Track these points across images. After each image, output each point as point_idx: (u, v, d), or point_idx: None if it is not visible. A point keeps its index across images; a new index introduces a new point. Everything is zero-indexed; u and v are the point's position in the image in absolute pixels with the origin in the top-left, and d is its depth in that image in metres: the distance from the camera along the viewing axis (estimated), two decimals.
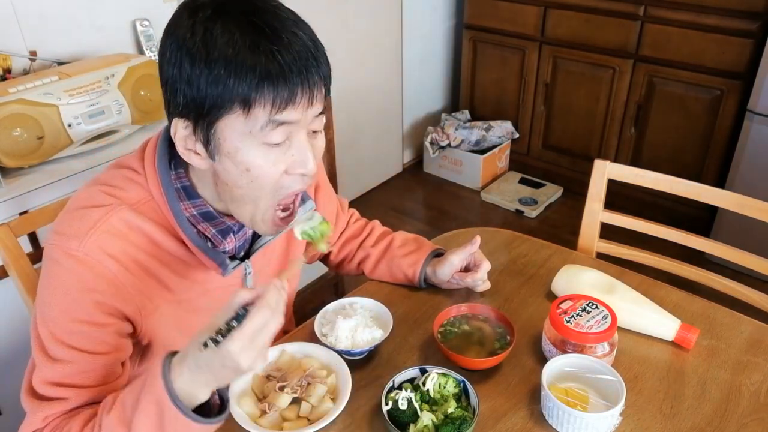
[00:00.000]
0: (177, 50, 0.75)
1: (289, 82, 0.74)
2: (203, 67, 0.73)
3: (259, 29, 0.73)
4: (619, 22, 2.71)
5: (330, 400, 0.94)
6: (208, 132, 0.78)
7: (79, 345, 0.83)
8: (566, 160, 3.17)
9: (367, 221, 1.29)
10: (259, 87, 0.73)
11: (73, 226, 0.83)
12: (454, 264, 1.15)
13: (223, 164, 0.80)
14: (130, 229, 0.84)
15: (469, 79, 3.38)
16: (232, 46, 0.72)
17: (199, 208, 0.89)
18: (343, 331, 1.03)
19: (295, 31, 0.75)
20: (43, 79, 1.44)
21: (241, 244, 0.96)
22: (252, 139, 0.77)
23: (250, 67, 0.72)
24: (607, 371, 0.94)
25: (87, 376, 0.84)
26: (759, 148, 2.36)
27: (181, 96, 0.77)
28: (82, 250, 0.81)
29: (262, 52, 0.72)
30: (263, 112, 0.75)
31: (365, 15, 2.84)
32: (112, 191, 0.86)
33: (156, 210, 0.87)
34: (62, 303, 0.82)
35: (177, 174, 0.88)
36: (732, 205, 1.27)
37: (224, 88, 0.73)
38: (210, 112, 0.76)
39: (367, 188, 3.28)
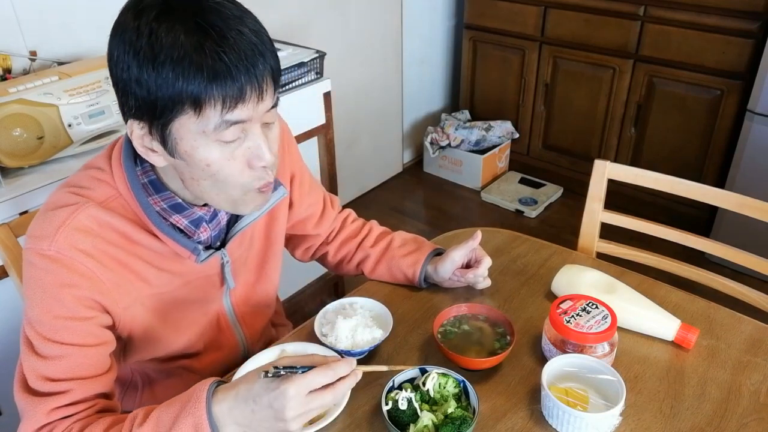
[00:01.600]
0: (124, 53, 0.76)
1: (237, 81, 0.75)
2: (151, 70, 0.74)
3: (204, 30, 0.74)
4: (619, 22, 2.71)
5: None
6: (163, 132, 0.79)
7: (67, 340, 0.84)
8: (566, 160, 3.17)
9: (365, 221, 1.29)
10: (207, 88, 0.74)
11: (43, 227, 0.84)
12: (455, 260, 1.15)
13: (185, 161, 0.81)
14: (99, 226, 0.86)
15: (469, 79, 3.38)
16: (177, 48, 0.73)
17: (168, 200, 0.90)
18: (343, 331, 1.03)
19: (239, 29, 0.76)
20: (43, 79, 1.44)
21: (216, 234, 0.98)
22: (206, 138, 0.79)
23: (198, 69, 0.73)
24: (607, 371, 0.94)
25: (83, 367, 0.86)
26: (759, 148, 2.36)
27: (132, 98, 0.78)
28: (54, 249, 0.83)
29: (208, 54, 0.73)
30: (214, 112, 0.76)
31: (365, 15, 2.84)
32: (79, 191, 0.87)
33: (125, 206, 0.88)
34: (43, 302, 0.84)
35: (143, 169, 0.89)
36: (732, 205, 1.27)
37: (173, 90, 0.74)
38: (163, 114, 0.77)
39: (367, 188, 3.28)
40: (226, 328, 1.09)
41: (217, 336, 1.09)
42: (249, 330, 1.14)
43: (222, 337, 1.10)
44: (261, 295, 1.13)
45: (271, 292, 1.16)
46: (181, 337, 1.02)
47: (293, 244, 1.26)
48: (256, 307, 1.13)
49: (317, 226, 1.21)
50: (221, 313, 1.07)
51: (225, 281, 1.03)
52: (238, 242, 1.02)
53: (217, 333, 1.09)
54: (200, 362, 1.08)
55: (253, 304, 1.12)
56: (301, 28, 2.53)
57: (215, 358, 1.10)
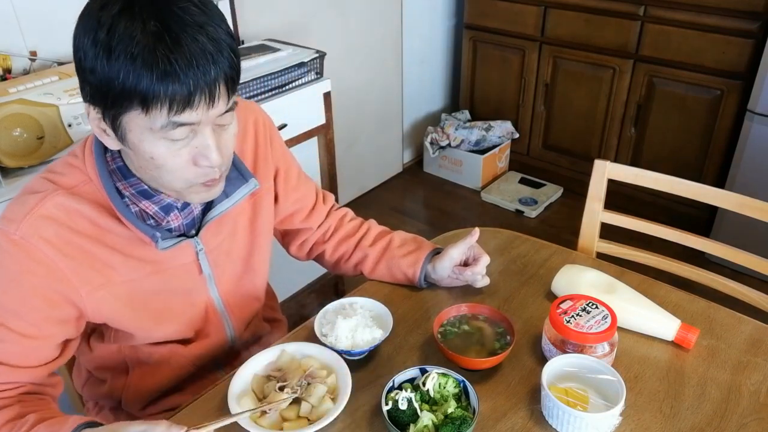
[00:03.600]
0: (84, 41, 0.77)
1: (185, 86, 0.75)
2: (105, 62, 0.75)
3: (159, 33, 0.74)
4: (619, 22, 2.71)
5: (330, 400, 0.94)
6: (114, 121, 0.81)
7: (9, 324, 0.87)
8: (566, 160, 3.17)
9: (363, 220, 1.29)
10: (155, 90, 0.75)
11: (14, 210, 0.87)
12: (453, 257, 1.15)
13: (132, 150, 0.84)
14: (66, 213, 0.88)
15: (469, 79, 3.38)
16: (132, 47, 0.74)
17: (136, 186, 0.92)
18: (343, 331, 1.03)
19: (195, 36, 0.76)
20: (43, 79, 1.44)
21: (189, 222, 0.98)
22: (153, 134, 0.80)
23: (147, 70, 0.74)
24: (607, 371, 0.94)
25: (15, 356, 0.88)
26: (759, 148, 2.36)
27: (87, 85, 0.80)
28: (19, 234, 0.85)
29: (159, 57, 0.74)
30: (161, 113, 0.77)
31: (365, 15, 2.85)
32: (52, 177, 0.90)
33: (94, 191, 0.90)
34: (1, 283, 0.87)
35: (112, 155, 0.91)
36: (732, 205, 1.27)
37: (124, 86, 0.75)
38: (114, 106, 0.78)
39: (367, 188, 3.28)
40: (214, 318, 1.10)
41: (204, 325, 1.10)
42: (237, 321, 1.14)
43: (210, 326, 1.11)
44: (248, 287, 1.14)
45: (259, 284, 1.17)
46: (164, 325, 1.03)
47: (287, 240, 1.27)
48: (244, 298, 1.14)
49: (306, 220, 1.21)
50: (209, 303, 1.08)
51: (202, 270, 1.03)
52: (214, 231, 1.02)
53: (205, 322, 1.10)
54: (189, 349, 1.09)
55: (241, 296, 1.13)
56: (301, 28, 2.53)
57: (203, 345, 1.11)
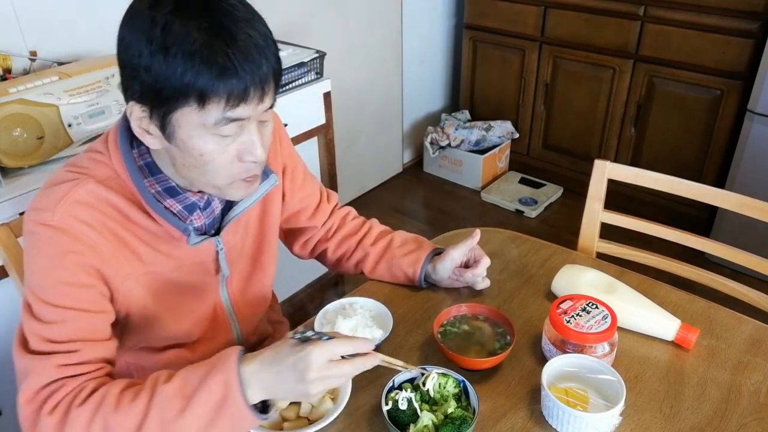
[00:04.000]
0: (137, 40, 0.78)
1: (242, 81, 0.79)
2: (162, 60, 0.77)
3: (216, 30, 0.77)
4: (619, 22, 2.71)
5: (330, 400, 0.94)
6: (164, 119, 0.82)
7: (69, 304, 0.86)
8: (566, 160, 3.17)
9: (365, 219, 1.29)
10: (214, 85, 0.77)
11: (45, 201, 0.87)
12: (454, 258, 1.15)
13: (178, 147, 0.85)
14: (98, 200, 0.88)
15: (469, 79, 3.38)
16: (190, 44, 0.76)
17: (163, 183, 0.93)
18: (343, 331, 1.03)
19: (248, 32, 0.79)
20: (43, 79, 1.44)
21: (210, 222, 0.99)
22: (205, 130, 0.82)
23: (207, 66, 0.76)
24: (607, 371, 0.94)
25: (87, 331, 0.87)
26: (759, 148, 2.36)
27: (138, 83, 0.80)
28: (56, 219, 0.85)
29: (218, 52, 0.76)
30: (217, 108, 0.79)
31: (365, 15, 2.85)
32: (79, 169, 0.90)
33: (122, 186, 0.91)
34: (45, 268, 0.85)
35: (139, 152, 0.92)
36: (732, 205, 1.27)
37: (181, 83, 0.77)
38: (166, 103, 0.80)
39: (367, 188, 3.28)
40: (221, 319, 1.10)
41: (212, 326, 1.10)
42: (244, 323, 1.14)
43: (217, 328, 1.10)
44: (257, 287, 1.14)
45: (267, 283, 1.17)
46: (178, 322, 1.03)
47: (290, 238, 1.27)
48: (252, 298, 1.14)
49: (311, 218, 1.22)
50: (218, 303, 1.08)
51: (220, 269, 1.04)
52: (233, 230, 1.04)
53: (212, 323, 1.10)
54: (194, 352, 1.09)
55: (249, 296, 1.13)
56: (301, 28, 2.53)
57: (209, 348, 1.10)
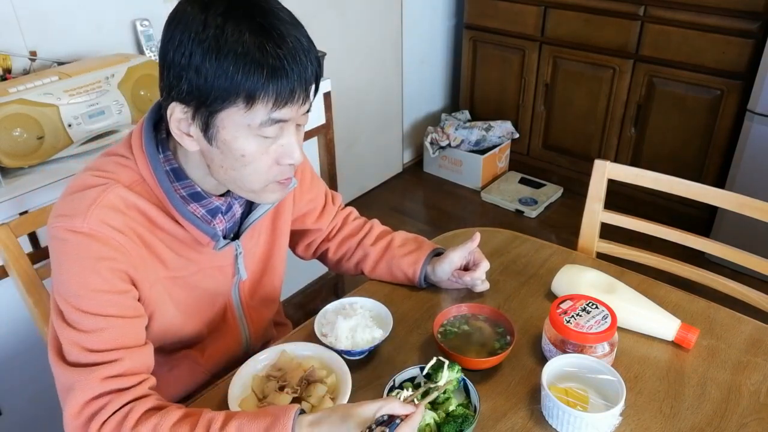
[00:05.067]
0: (188, 40, 0.79)
1: (290, 81, 0.80)
2: (214, 60, 0.78)
3: (267, 31, 0.79)
4: (619, 22, 2.71)
5: (330, 400, 0.94)
6: (208, 119, 0.82)
7: (107, 312, 0.84)
8: (566, 160, 3.17)
9: (366, 220, 1.29)
10: (264, 85, 0.79)
11: (73, 207, 0.85)
12: (454, 261, 1.15)
13: (219, 149, 0.85)
14: (127, 206, 0.88)
15: (469, 79, 3.38)
16: (241, 45, 0.77)
17: (188, 189, 0.93)
18: (343, 331, 1.03)
19: (295, 35, 0.81)
20: (43, 79, 1.44)
21: (230, 226, 1.00)
22: (249, 131, 0.83)
23: (258, 66, 0.78)
24: (607, 371, 0.94)
25: (128, 338, 0.86)
26: (759, 148, 2.36)
27: (186, 83, 0.80)
28: (87, 225, 0.84)
29: (269, 53, 0.78)
30: (264, 108, 0.81)
31: (365, 15, 2.84)
32: (105, 174, 0.89)
33: (148, 191, 0.91)
34: (79, 276, 0.84)
35: (165, 156, 0.92)
36: (732, 205, 1.27)
37: (231, 82, 0.78)
38: (214, 103, 0.80)
39: (367, 188, 3.28)
40: (231, 321, 1.11)
41: (221, 328, 1.10)
42: (253, 325, 1.15)
43: (226, 330, 1.11)
44: (267, 288, 1.15)
45: (277, 285, 1.18)
46: (192, 325, 1.04)
47: (295, 239, 1.27)
48: (262, 300, 1.15)
49: (317, 220, 1.22)
50: (229, 305, 1.09)
51: (237, 272, 1.05)
52: (250, 234, 1.05)
53: (222, 325, 1.10)
54: (203, 353, 1.09)
55: (259, 298, 1.14)
56: None
57: (218, 350, 1.11)
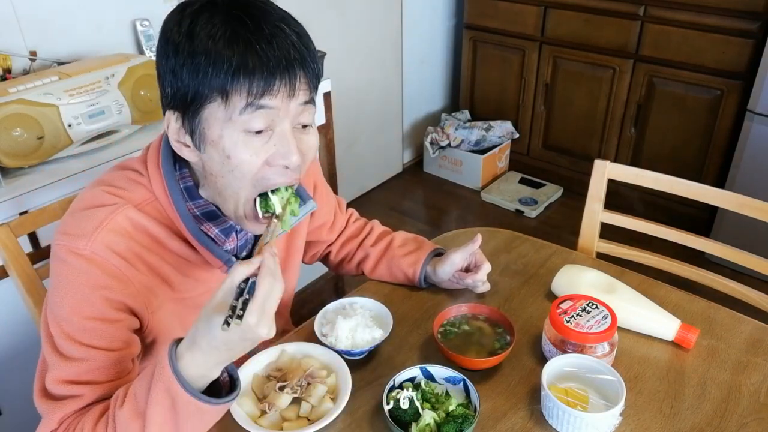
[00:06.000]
0: (164, 43, 0.79)
1: (266, 72, 0.76)
2: (185, 58, 0.76)
3: (241, 21, 0.76)
4: (619, 22, 2.71)
5: (330, 400, 0.94)
6: (193, 122, 0.80)
7: (92, 342, 0.84)
8: (566, 160, 3.17)
9: (367, 221, 1.29)
10: (234, 76, 0.75)
11: (80, 226, 0.84)
12: (455, 262, 1.15)
13: (208, 153, 0.82)
14: (134, 228, 0.86)
15: (469, 79, 3.38)
16: (212, 38, 0.75)
17: (202, 208, 0.90)
18: (343, 331, 1.03)
19: (278, 24, 0.77)
20: (43, 79, 1.44)
21: (243, 244, 0.97)
22: (233, 126, 0.79)
23: (227, 58, 0.75)
24: (607, 371, 0.94)
25: (101, 372, 0.85)
26: (759, 148, 2.36)
27: (168, 87, 0.80)
28: (90, 249, 0.82)
29: (240, 43, 0.75)
30: (240, 99, 0.77)
31: (365, 15, 2.84)
32: (116, 191, 0.87)
33: (159, 210, 0.88)
34: (73, 301, 0.83)
35: (181, 174, 0.89)
36: (732, 205, 1.27)
37: (203, 77, 0.76)
38: (193, 102, 0.78)
39: (367, 188, 3.28)
40: None
41: None
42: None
43: None
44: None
45: (287, 301, 1.17)
46: None
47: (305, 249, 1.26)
48: None
49: (330, 231, 1.22)
50: None
51: None
52: None
53: None
54: None
55: None
56: None
57: None
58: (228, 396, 0.80)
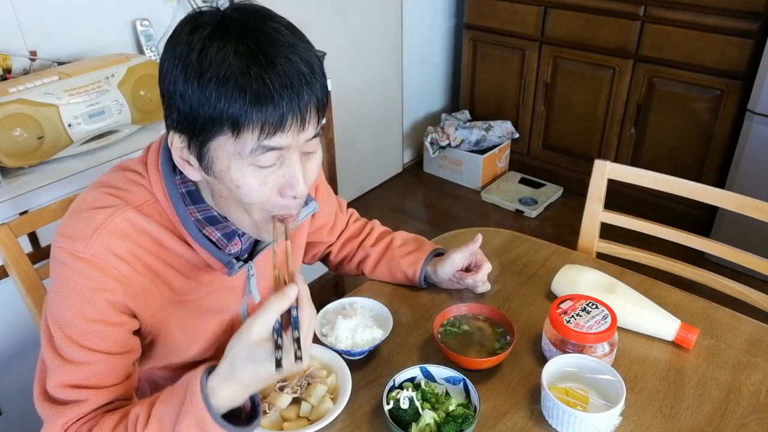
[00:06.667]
0: (173, 66, 0.76)
1: (279, 108, 0.74)
2: (196, 86, 0.74)
3: (253, 54, 0.73)
4: (619, 22, 2.71)
5: (330, 400, 0.94)
6: (201, 149, 0.78)
7: (94, 346, 0.83)
8: (566, 160, 3.17)
9: (367, 221, 1.29)
10: (248, 112, 0.73)
11: (79, 228, 0.83)
12: (455, 262, 1.15)
13: (217, 179, 0.81)
14: (134, 230, 0.85)
15: (469, 79, 3.38)
16: (224, 69, 0.72)
17: (204, 212, 0.89)
18: (343, 331, 1.03)
19: (289, 57, 0.75)
20: (43, 79, 1.44)
21: (246, 247, 0.97)
22: (242, 160, 0.77)
23: (240, 92, 0.72)
24: (607, 371, 0.94)
25: (104, 376, 0.85)
26: (759, 148, 2.36)
27: (176, 112, 0.78)
28: (89, 252, 0.81)
29: (253, 78, 0.72)
30: (252, 136, 0.75)
31: (365, 15, 2.84)
32: (116, 192, 0.86)
33: (160, 212, 0.87)
34: (74, 304, 0.82)
35: (182, 178, 0.88)
36: (732, 205, 1.27)
37: (214, 110, 0.74)
38: (202, 131, 0.76)
39: (367, 188, 3.28)
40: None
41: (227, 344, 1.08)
42: None
43: None
44: None
45: None
46: (199, 344, 1.01)
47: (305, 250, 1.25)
48: None
49: (331, 232, 1.22)
50: (236, 322, 1.06)
51: (249, 293, 1.02)
52: (265, 255, 1.00)
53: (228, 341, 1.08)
54: None
55: None
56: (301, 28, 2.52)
57: None
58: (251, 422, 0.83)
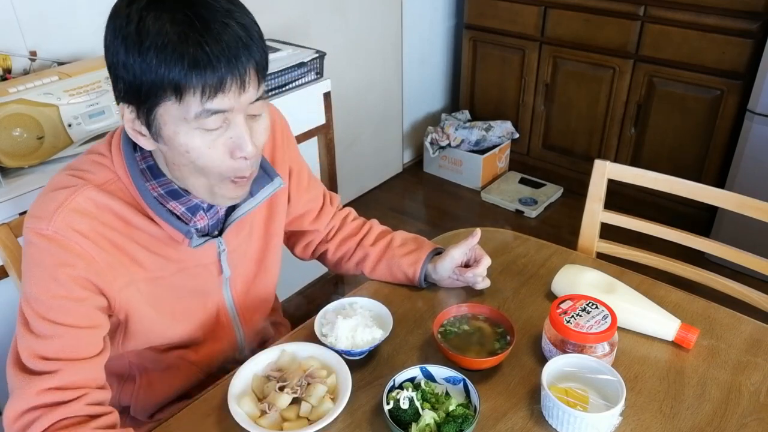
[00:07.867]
0: (114, 38, 0.79)
1: (217, 71, 0.77)
2: (137, 55, 0.77)
3: (189, 21, 0.76)
4: (619, 22, 2.71)
5: (330, 400, 0.94)
6: (148, 117, 0.82)
7: (61, 320, 0.86)
8: (566, 160, 3.17)
9: (365, 220, 1.29)
10: (187, 76, 0.77)
11: (42, 208, 0.87)
12: (455, 258, 1.15)
13: (167, 146, 0.84)
14: (97, 207, 0.88)
15: (469, 79, 3.38)
16: (162, 36, 0.76)
17: (165, 186, 0.92)
18: (343, 331, 1.03)
19: (225, 21, 0.78)
20: (43, 79, 1.44)
21: (213, 223, 0.99)
22: (188, 125, 0.81)
23: (179, 57, 0.76)
24: (607, 371, 0.94)
25: (73, 349, 0.87)
26: (759, 148, 2.36)
27: (121, 82, 0.81)
28: (51, 229, 0.85)
29: (190, 43, 0.76)
30: (194, 99, 0.79)
31: (365, 15, 2.84)
32: (80, 174, 0.90)
33: (123, 189, 0.91)
34: (40, 280, 0.85)
35: (142, 155, 0.92)
36: (732, 205, 1.27)
37: (156, 76, 0.77)
38: (147, 99, 0.80)
39: (367, 188, 3.28)
40: (225, 321, 1.10)
41: (215, 328, 1.10)
42: (247, 325, 1.14)
43: (220, 330, 1.11)
44: (260, 289, 1.14)
45: (271, 286, 1.18)
46: (179, 326, 1.03)
47: (292, 240, 1.27)
48: (256, 300, 1.14)
49: (315, 222, 1.22)
50: (221, 306, 1.09)
51: (222, 271, 1.04)
52: (236, 232, 1.04)
53: (215, 325, 1.10)
54: (197, 353, 1.09)
55: (252, 298, 1.13)
56: (301, 28, 2.53)
57: (213, 349, 1.11)
58: None
